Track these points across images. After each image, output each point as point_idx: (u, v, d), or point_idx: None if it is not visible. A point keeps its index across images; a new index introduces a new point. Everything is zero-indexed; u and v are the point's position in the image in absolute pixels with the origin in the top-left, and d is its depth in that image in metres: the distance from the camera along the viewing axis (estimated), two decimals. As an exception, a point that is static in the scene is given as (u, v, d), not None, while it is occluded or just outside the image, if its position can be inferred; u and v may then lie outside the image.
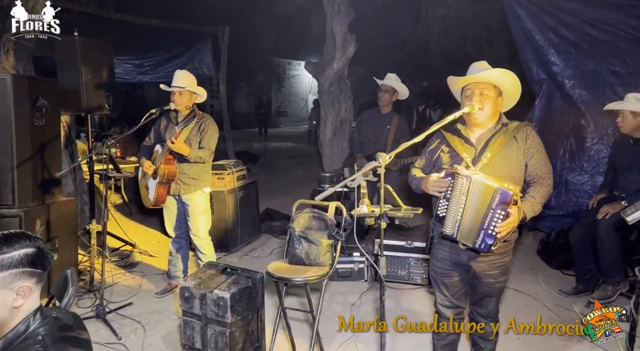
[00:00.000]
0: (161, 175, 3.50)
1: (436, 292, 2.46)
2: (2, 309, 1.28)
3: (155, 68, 10.06)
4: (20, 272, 1.29)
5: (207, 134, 3.63)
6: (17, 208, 3.44)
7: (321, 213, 2.93)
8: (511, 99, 2.31)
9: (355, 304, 3.67)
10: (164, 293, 3.83)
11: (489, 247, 2.01)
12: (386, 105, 4.61)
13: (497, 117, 2.26)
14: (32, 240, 1.34)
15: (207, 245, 3.81)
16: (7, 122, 3.36)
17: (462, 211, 2.06)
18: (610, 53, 4.38)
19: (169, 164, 3.52)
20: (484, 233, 2.01)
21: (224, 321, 2.52)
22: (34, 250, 1.33)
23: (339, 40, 6.26)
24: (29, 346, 1.25)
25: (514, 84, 2.24)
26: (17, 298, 1.28)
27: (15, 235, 1.33)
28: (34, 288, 1.33)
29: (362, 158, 4.61)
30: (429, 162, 2.42)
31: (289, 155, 12.69)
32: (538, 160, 2.20)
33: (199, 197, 3.71)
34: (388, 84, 4.58)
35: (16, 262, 1.28)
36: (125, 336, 3.20)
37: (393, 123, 4.56)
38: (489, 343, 2.46)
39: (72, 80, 3.86)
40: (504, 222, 1.97)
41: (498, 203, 1.96)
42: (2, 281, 1.27)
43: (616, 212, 3.33)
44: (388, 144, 4.53)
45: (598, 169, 4.59)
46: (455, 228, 2.10)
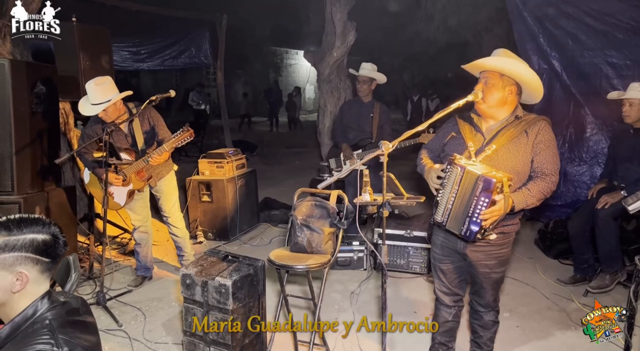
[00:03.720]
0: (137, 184, 3.57)
1: (435, 278, 2.48)
2: (1, 291, 1.26)
3: (152, 56, 9.97)
4: (23, 257, 1.27)
5: (159, 124, 3.61)
6: (16, 195, 3.41)
7: (323, 202, 2.93)
8: (531, 91, 2.20)
9: (355, 292, 3.69)
10: (137, 286, 3.79)
11: (474, 234, 2.00)
12: (366, 95, 4.61)
13: (509, 108, 2.18)
14: (45, 227, 1.31)
15: (180, 219, 3.89)
16: (6, 108, 3.33)
17: (454, 199, 2.06)
18: (608, 44, 4.37)
19: (143, 171, 3.56)
20: (468, 220, 2.00)
21: (226, 308, 2.53)
22: (46, 237, 1.30)
23: (338, 28, 6.22)
24: (36, 331, 1.24)
25: (527, 74, 2.12)
26: (16, 283, 1.27)
27: (29, 219, 1.30)
28: (37, 276, 1.30)
29: (348, 147, 4.62)
30: (439, 144, 2.40)
31: (286, 144, 12.67)
32: (545, 156, 2.14)
33: (171, 177, 3.80)
34: (365, 74, 4.56)
35: (20, 245, 1.26)
36: (126, 323, 3.22)
37: (375, 111, 4.57)
38: (489, 331, 2.47)
39: (70, 67, 3.82)
40: (488, 209, 1.95)
41: (482, 191, 1.94)
42: (3, 262, 1.25)
43: (615, 201, 3.35)
44: (373, 132, 4.55)
45: (597, 159, 4.61)
46: (446, 216, 2.11)
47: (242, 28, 13.00)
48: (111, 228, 4.75)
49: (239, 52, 15.16)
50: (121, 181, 3.51)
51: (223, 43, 8.32)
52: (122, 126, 3.49)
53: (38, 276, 1.31)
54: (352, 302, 3.54)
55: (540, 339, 3.02)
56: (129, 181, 3.55)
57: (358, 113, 4.65)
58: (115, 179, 3.47)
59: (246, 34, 14.32)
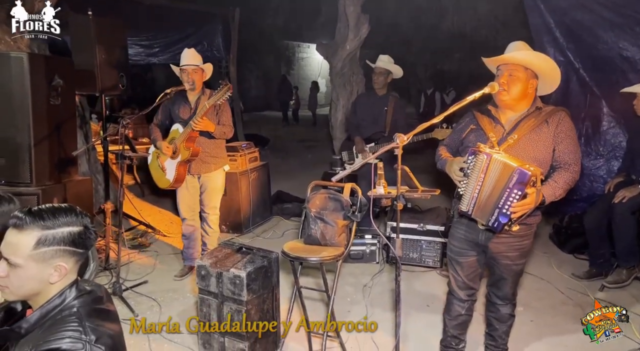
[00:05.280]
0: (184, 154, 3.52)
1: (450, 272, 2.48)
2: (38, 283, 1.28)
3: (164, 49, 10.00)
4: (62, 250, 1.28)
5: (224, 111, 3.64)
6: (34, 186, 3.48)
7: (337, 194, 2.93)
8: (549, 82, 2.24)
9: (367, 285, 3.70)
10: (183, 276, 3.86)
11: (502, 226, 2.01)
12: (381, 88, 4.58)
13: (529, 100, 2.21)
14: (79, 217, 1.32)
15: (217, 219, 3.88)
16: (25, 101, 3.38)
17: (480, 188, 2.06)
18: (623, 37, 4.27)
19: (191, 142, 3.53)
20: (498, 211, 2.01)
21: (240, 299, 2.56)
22: (80, 229, 1.31)
23: (351, 21, 6.18)
24: (64, 318, 1.26)
25: (549, 66, 2.18)
26: (54, 274, 1.28)
27: (63, 210, 1.30)
28: (73, 266, 1.32)
29: (361, 141, 4.60)
30: (457, 139, 2.40)
31: (298, 138, 12.67)
32: (566, 145, 2.16)
33: (218, 175, 3.75)
34: (381, 66, 4.53)
35: (59, 239, 1.27)
36: (142, 313, 3.26)
37: (390, 105, 4.53)
38: (504, 324, 2.47)
39: (86, 60, 3.87)
40: (519, 202, 1.96)
41: (515, 183, 1.95)
42: (43, 256, 1.26)
43: (633, 195, 3.31)
44: (387, 126, 4.51)
45: (614, 153, 4.53)
46: (471, 205, 2.11)
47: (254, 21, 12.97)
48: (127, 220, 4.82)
49: (251, 45, 15.15)
50: (171, 151, 3.56)
51: (236, 37, 8.31)
52: (191, 97, 3.62)
53: (73, 267, 1.33)
54: (365, 295, 3.55)
55: (554, 334, 3.00)
56: (178, 152, 3.56)
57: (372, 106, 4.62)
58: (166, 148, 3.55)
59: (258, 27, 14.29)
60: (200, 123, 3.40)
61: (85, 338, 1.21)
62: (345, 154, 4.84)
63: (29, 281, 1.27)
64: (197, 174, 3.68)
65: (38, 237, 1.25)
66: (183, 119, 3.60)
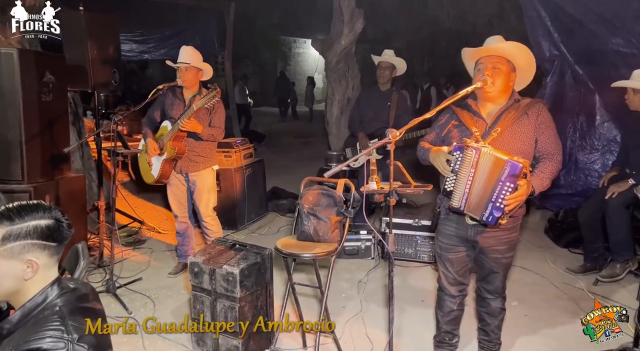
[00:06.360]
0: (169, 153, 3.49)
1: (440, 268, 2.48)
2: (12, 280, 1.27)
3: (158, 45, 9.96)
4: (29, 244, 1.27)
5: (217, 113, 3.58)
6: (26, 184, 3.44)
7: (330, 190, 2.92)
8: (525, 76, 2.28)
9: (362, 281, 3.70)
10: (177, 273, 3.85)
11: (497, 219, 2.01)
12: (386, 82, 4.54)
13: (509, 92, 2.23)
14: (47, 212, 1.31)
15: (214, 221, 3.82)
16: (15, 97, 3.34)
17: (471, 183, 2.06)
18: (615, 32, 4.26)
19: (178, 141, 3.49)
20: (491, 205, 2.01)
21: (233, 296, 2.55)
22: (49, 222, 1.30)
23: (346, 15, 6.16)
24: (47, 317, 1.25)
25: (528, 59, 2.21)
26: (27, 270, 1.27)
27: (29, 206, 1.30)
28: (47, 261, 1.31)
29: (365, 137, 4.56)
30: (438, 136, 2.40)
31: (294, 134, 12.65)
32: (548, 136, 2.19)
33: (207, 175, 3.69)
34: (387, 60, 4.49)
35: (25, 233, 1.26)
36: (136, 310, 3.25)
37: (393, 100, 4.49)
38: (496, 319, 2.48)
39: (78, 56, 3.81)
40: (512, 194, 1.97)
41: (507, 176, 1.95)
42: (10, 251, 1.25)
43: (623, 190, 3.32)
44: (390, 121, 4.47)
45: (609, 147, 4.54)
46: (463, 201, 2.10)
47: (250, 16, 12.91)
48: (121, 217, 4.79)
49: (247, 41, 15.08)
50: (158, 150, 3.54)
51: (231, 32, 8.27)
52: (186, 95, 3.59)
53: (48, 261, 1.32)
54: (360, 291, 3.54)
55: (548, 328, 3.01)
56: (164, 150, 3.53)
57: (375, 101, 4.58)
58: (153, 148, 3.53)
59: (253, 22, 14.22)
60: (187, 124, 3.35)
61: (67, 336, 1.20)
62: (349, 151, 4.79)
63: (3, 279, 1.26)
64: (185, 172, 3.65)
65: (3, 233, 1.24)
66: (173, 117, 3.55)
